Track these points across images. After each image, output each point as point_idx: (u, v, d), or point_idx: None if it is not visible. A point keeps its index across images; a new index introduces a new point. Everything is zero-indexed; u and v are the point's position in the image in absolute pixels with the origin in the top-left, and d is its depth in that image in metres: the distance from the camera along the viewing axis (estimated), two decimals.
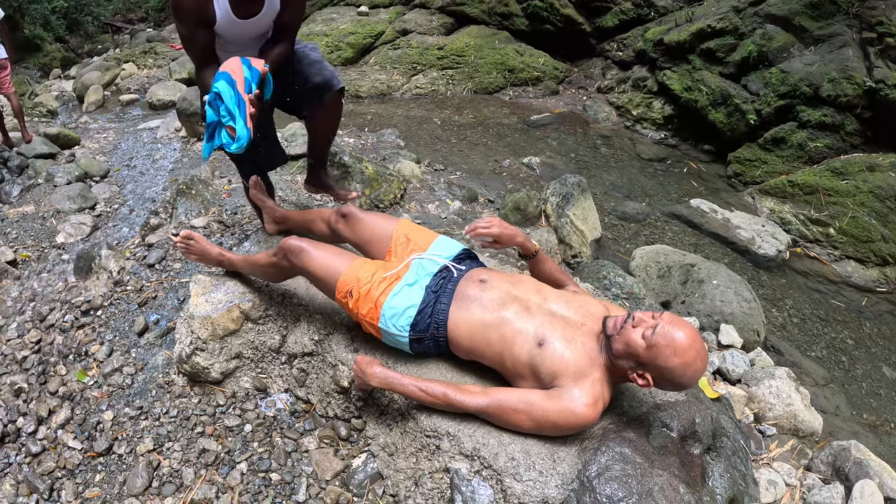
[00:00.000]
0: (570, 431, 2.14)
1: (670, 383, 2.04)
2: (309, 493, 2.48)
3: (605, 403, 2.14)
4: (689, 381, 2.02)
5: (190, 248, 2.93)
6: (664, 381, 2.04)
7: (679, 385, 2.04)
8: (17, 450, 2.76)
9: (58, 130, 7.13)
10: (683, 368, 1.97)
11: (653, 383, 2.04)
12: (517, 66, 9.56)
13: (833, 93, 6.66)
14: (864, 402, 4.29)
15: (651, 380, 2.03)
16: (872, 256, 5.69)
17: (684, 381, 2.01)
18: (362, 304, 2.39)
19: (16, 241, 4.72)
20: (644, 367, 2.03)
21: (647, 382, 2.03)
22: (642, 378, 2.04)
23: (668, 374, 1.99)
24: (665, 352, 1.97)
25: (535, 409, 2.11)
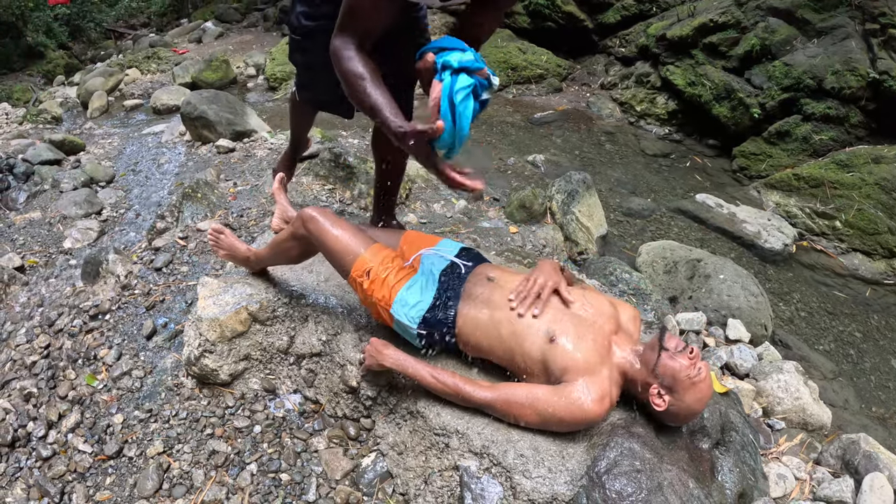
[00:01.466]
0: (576, 427, 2.16)
1: (675, 417, 2.19)
2: (319, 492, 2.48)
3: (613, 402, 2.16)
4: (683, 422, 2.24)
5: (220, 243, 2.96)
6: (672, 415, 2.18)
7: (676, 420, 2.22)
8: (28, 454, 2.77)
9: (63, 137, 7.13)
10: (690, 412, 2.16)
11: (667, 406, 2.14)
12: (520, 64, 9.54)
13: (837, 85, 6.64)
14: (872, 395, 4.28)
15: (665, 406, 2.13)
16: (879, 249, 5.67)
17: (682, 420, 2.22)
18: (377, 289, 2.40)
19: (23, 248, 4.73)
20: (666, 392, 2.13)
21: (664, 405, 2.13)
22: (661, 399, 2.14)
23: (682, 410, 2.14)
24: (694, 394, 2.11)
25: (541, 403, 2.12)
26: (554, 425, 2.15)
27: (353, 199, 4.41)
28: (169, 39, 15.30)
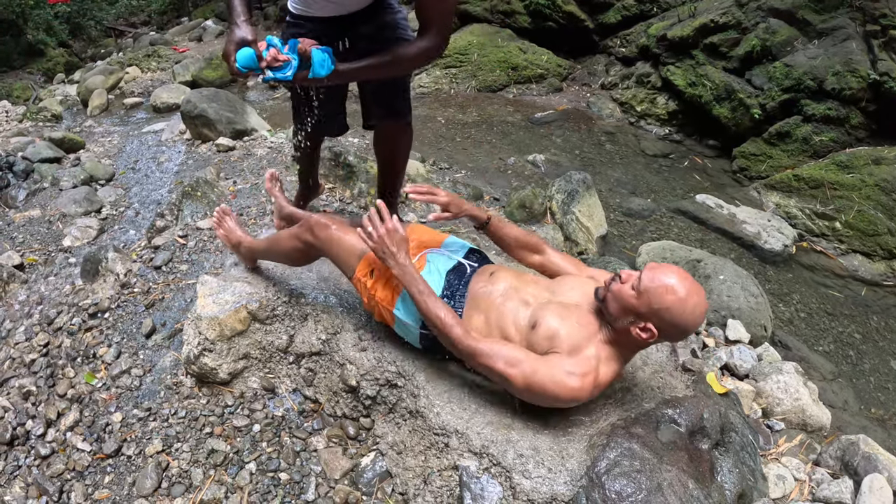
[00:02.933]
0: (558, 401, 2.10)
1: (675, 326, 2.01)
2: (318, 492, 2.48)
3: (601, 383, 2.09)
4: (693, 317, 1.99)
5: (222, 224, 3.05)
6: (669, 326, 2.01)
7: (685, 325, 2.00)
8: (27, 452, 2.77)
9: (62, 135, 7.13)
10: (681, 305, 1.96)
11: (657, 332, 2.02)
12: (520, 64, 9.54)
13: (837, 86, 6.64)
14: (872, 396, 4.28)
15: (654, 329, 2.01)
16: (879, 250, 5.67)
17: (687, 318, 1.98)
18: (381, 289, 2.41)
19: (22, 245, 4.72)
20: (642, 317, 2.02)
21: (651, 332, 2.01)
22: (645, 330, 2.02)
23: (669, 315, 1.97)
24: (658, 292, 1.97)
25: (526, 364, 2.08)
26: (537, 391, 2.08)
27: (353, 197, 4.41)
28: (169, 38, 15.30)
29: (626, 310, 2.04)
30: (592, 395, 2.10)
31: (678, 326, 2.00)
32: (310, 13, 2.65)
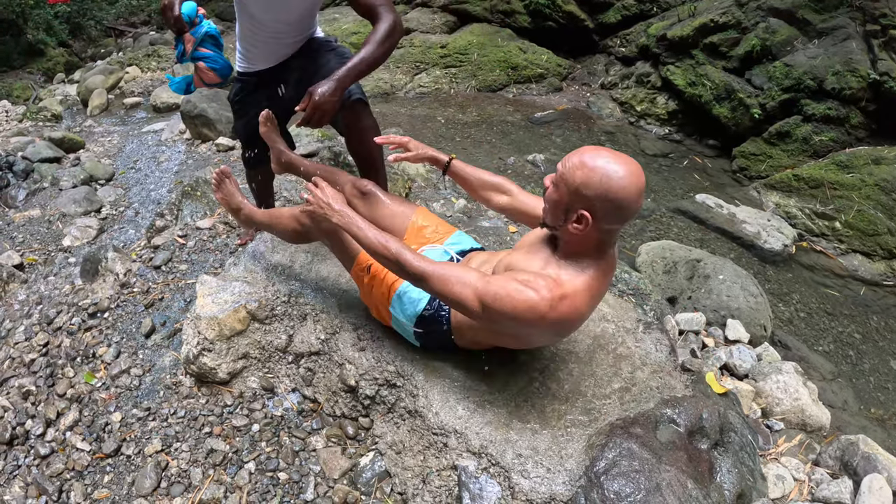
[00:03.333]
0: (518, 318, 1.93)
1: (605, 201, 1.81)
2: (317, 491, 2.48)
3: (567, 292, 1.92)
4: (617, 184, 1.79)
5: (221, 186, 3.02)
6: (598, 204, 1.82)
7: (621, 199, 1.80)
8: (26, 452, 2.77)
9: (62, 134, 7.14)
10: (604, 175, 1.79)
11: (591, 216, 1.83)
12: (520, 64, 9.54)
13: (837, 86, 6.64)
14: (872, 396, 4.28)
15: (587, 214, 1.83)
16: (879, 250, 5.67)
17: (611, 186, 1.79)
18: (377, 285, 2.43)
19: (22, 245, 4.73)
20: (572, 208, 1.86)
21: (585, 218, 1.83)
22: (579, 221, 1.85)
23: (589, 190, 1.80)
24: (570, 174, 1.84)
25: (479, 282, 1.99)
26: (493, 309, 1.95)
27: None
28: (169, 37, 15.27)
29: (557, 209, 1.92)
30: (562, 313, 1.91)
31: (608, 200, 1.80)
32: (258, 68, 3.08)
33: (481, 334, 2.29)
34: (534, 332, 2.03)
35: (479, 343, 2.37)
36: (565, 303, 1.90)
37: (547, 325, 1.93)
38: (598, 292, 2.01)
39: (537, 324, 1.93)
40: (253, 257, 3.16)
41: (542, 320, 1.91)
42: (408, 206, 2.73)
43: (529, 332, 2.04)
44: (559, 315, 1.91)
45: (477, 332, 2.29)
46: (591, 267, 1.97)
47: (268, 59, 3.05)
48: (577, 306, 1.94)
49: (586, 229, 1.86)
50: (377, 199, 2.72)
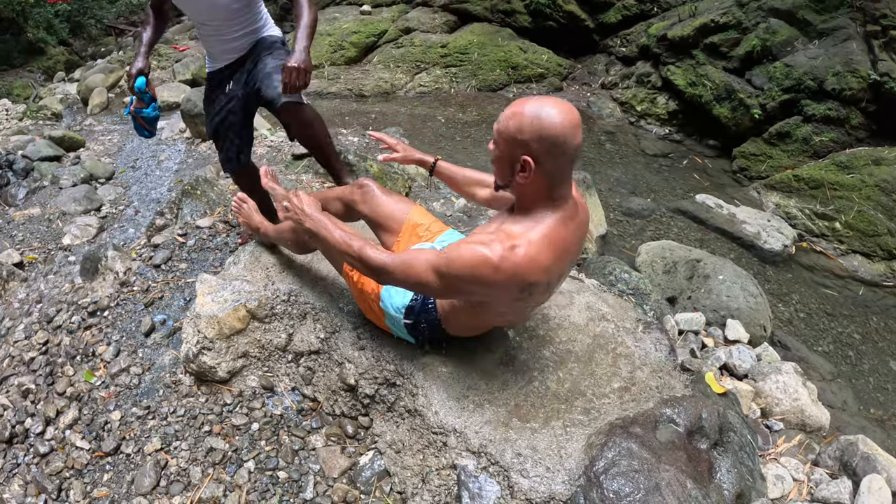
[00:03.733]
0: (478, 276, 1.94)
1: (546, 140, 1.85)
2: (316, 490, 2.48)
3: (518, 241, 1.93)
4: (555, 120, 1.84)
5: (241, 210, 3.19)
6: (535, 147, 1.87)
7: (555, 134, 1.84)
8: (26, 450, 2.77)
9: (62, 133, 7.14)
10: (534, 116, 1.84)
11: (533, 161, 1.87)
12: (520, 64, 9.54)
13: (838, 86, 6.64)
14: (871, 396, 4.28)
15: (528, 158, 1.87)
16: (879, 250, 5.67)
17: (548, 124, 1.84)
18: (366, 282, 2.47)
19: (22, 244, 4.73)
20: (514, 159, 1.91)
21: (528, 164, 1.88)
22: (522, 169, 1.90)
23: (524, 135, 1.86)
24: (508, 123, 1.90)
25: (437, 258, 2.03)
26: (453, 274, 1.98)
27: None
28: (170, 36, 15.27)
29: (502, 165, 1.98)
30: (516, 262, 1.92)
31: (543, 139, 1.85)
32: (219, 66, 3.27)
33: (464, 315, 2.29)
34: (499, 290, 1.99)
35: (467, 326, 2.37)
36: (518, 251, 1.91)
37: (505, 277, 1.92)
38: (559, 240, 2.00)
39: (494, 278, 1.93)
40: (253, 256, 3.16)
41: (498, 271, 1.91)
42: (406, 203, 2.74)
43: (496, 292, 2.01)
44: (514, 264, 1.91)
45: (460, 314, 2.30)
46: (548, 216, 1.99)
47: (221, 57, 3.25)
48: (532, 255, 1.93)
49: (532, 175, 1.90)
50: (374, 195, 2.75)
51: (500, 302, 2.10)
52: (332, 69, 10.03)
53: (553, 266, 1.99)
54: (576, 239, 2.08)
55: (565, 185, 2.00)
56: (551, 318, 2.71)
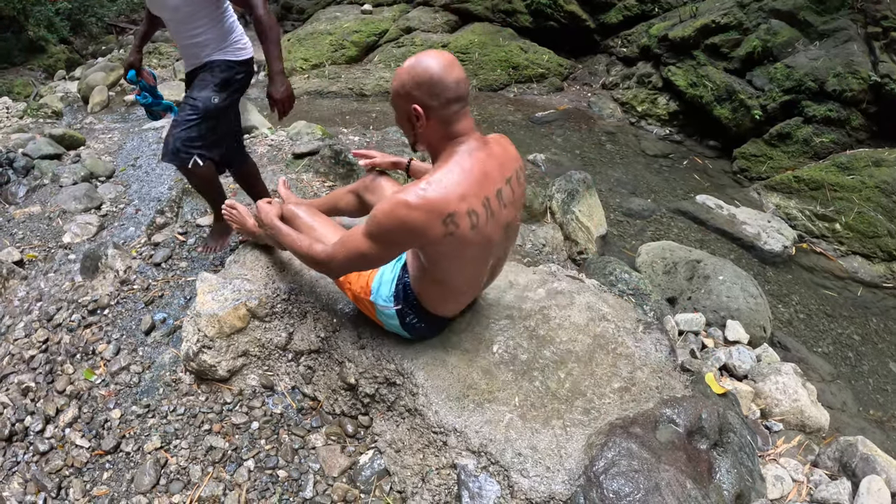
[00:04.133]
0: (392, 216, 2.04)
1: (425, 84, 2.04)
2: (316, 489, 2.48)
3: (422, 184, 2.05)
4: (426, 64, 2.04)
5: (233, 217, 3.14)
6: (419, 89, 2.06)
7: (430, 76, 2.04)
8: (25, 448, 2.77)
9: (63, 131, 7.12)
10: (409, 68, 2.07)
11: (422, 108, 2.07)
12: (521, 64, 9.55)
13: (838, 88, 6.64)
14: (870, 398, 4.28)
15: (416, 107, 2.07)
16: (879, 252, 5.67)
17: (421, 69, 2.05)
18: (355, 280, 2.51)
19: (22, 242, 4.72)
20: (408, 112, 2.12)
21: (418, 113, 2.08)
22: (416, 118, 2.10)
23: (409, 84, 2.06)
24: (393, 85, 2.14)
25: (366, 222, 2.14)
26: (380, 228, 2.09)
27: None
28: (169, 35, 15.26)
29: (404, 126, 2.20)
30: (430, 197, 2.01)
31: (421, 84, 2.05)
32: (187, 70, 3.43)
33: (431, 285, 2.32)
34: (425, 231, 2.04)
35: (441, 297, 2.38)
36: (428, 187, 2.02)
37: (422, 213, 2.00)
38: (469, 168, 2.09)
39: (413, 217, 2.00)
40: (253, 255, 3.16)
41: (413, 208, 1.99)
42: None
43: (424, 234, 2.05)
44: (425, 199, 2.00)
45: (428, 285, 2.32)
46: (454, 154, 2.12)
47: (185, 61, 3.42)
48: (443, 185, 2.03)
49: (425, 121, 2.09)
50: (381, 187, 2.87)
51: (439, 249, 2.12)
52: (332, 68, 10.03)
53: (469, 192, 2.06)
54: (493, 165, 2.17)
55: (461, 121, 2.13)
56: (552, 318, 2.71)
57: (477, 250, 2.19)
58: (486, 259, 2.31)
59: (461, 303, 2.49)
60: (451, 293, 2.37)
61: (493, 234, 2.19)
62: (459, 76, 2.06)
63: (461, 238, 2.07)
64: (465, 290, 2.40)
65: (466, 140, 2.13)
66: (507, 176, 2.22)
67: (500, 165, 2.19)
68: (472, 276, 2.33)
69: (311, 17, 12.43)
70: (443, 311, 2.44)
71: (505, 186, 2.20)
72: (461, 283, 2.32)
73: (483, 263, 2.31)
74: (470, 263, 2.24)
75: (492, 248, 2.26)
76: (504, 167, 2.21)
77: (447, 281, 2.28)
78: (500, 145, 2.28)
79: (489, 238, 2.18)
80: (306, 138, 5.62)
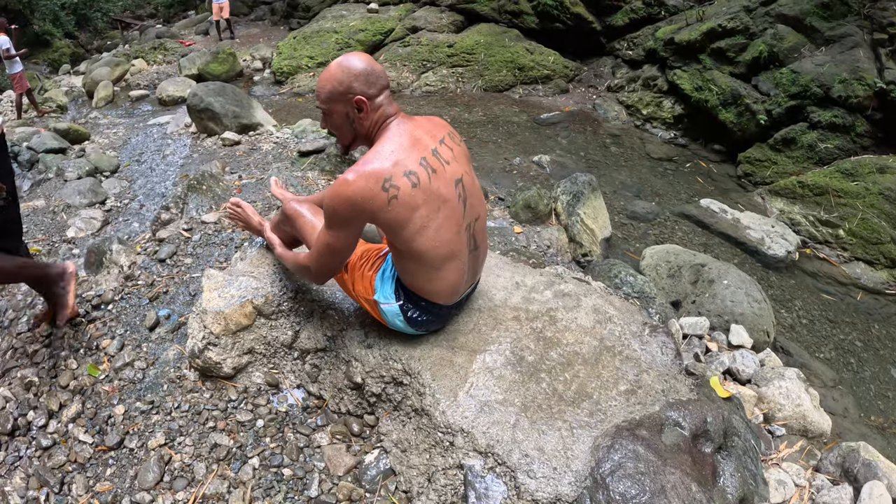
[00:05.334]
0: (341, 193, 2.13)
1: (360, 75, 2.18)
2: (321, 488, 2.48)
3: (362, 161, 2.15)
4: (354, 59, 2.20)
5: (237, 214, 3.15)
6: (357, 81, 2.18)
7: (362, 68, 2.18)
8: (28, 443, 2.77)
9: (67, 125, 7.14)
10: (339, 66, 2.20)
11: (363, 96, 2.18)
12: (527, 65, 9.55)
13: (844, 94, 6.64)
14: (872, 404, 4.28)
15: (359, 97, 2.18)
16: (882, 258, 5.67)
17: (353, 63, 2.19)
18: (358, 281, 2.51)
19: (27, 236, 4.72)
20: (347, 107, 2.22)
21: (362, 102, 2.19)
22: (359, 109, 2.21)
23: (344, 80, 2.17)
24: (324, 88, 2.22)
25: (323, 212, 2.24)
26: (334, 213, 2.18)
27: None
28: (176, 31, 15.31)
29: (343, 125, 2.28)
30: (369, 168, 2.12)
31: (357, 75, 2.18)
32: None
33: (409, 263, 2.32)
34: (369, 203, 2.12)
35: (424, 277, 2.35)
36: (366, 162, 2.13)
37: (361, 185, 2.09)
38: (397, 135, 2.23)
39: (355, 190, 2.10)
40: (259, 252, 3.16)
41: (351, 183, 2.10)
42: None
43: (369, 207, 2.13)
44: (361, 173, 2.10)
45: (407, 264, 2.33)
46: (385, 131, 2.25)
47: None
48: (378, 156, 2.15)
49: (369, 109, 2.21)
50: None
51: (391, 216, 2.15)
52: None
53: (401, 157, 2.16)
54: (420, 133, 2.28)
55: (391, 104, 2.26)
56: (559, 320, 2.71)
57: (432, 210, 2.20)
58: (453, 221, 2.28)
59: (449, 280, 2.40)
60: (434, 268, 2.30)
61: (445, 191, 2.22)
62: (380, 67, 2.25)
63: (407, 199, 2.13)
64: (447, 262, 2.34)
65: (395, 119, 2.26)
66: (440, 137, 2.32)
67: (429, 131, 2.31)
68: (446, 243, 2.28)
69: (317, 14, 12.44)
70: (436, 294, 2.39)
71: (440, 146, 2.29)
72: (437, 254, 2.27)
73: (452, 226, 2.28)
74: (434, 228, 2.23)
75: (452, 206, 2.26)
76: (433, 132, 2.32)
77: (422, 253, 2.24)
78: (427, 119, 2.41)
79: (440, 195, 2.21)
80: (311, 136, 5.63)
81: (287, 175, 4.38)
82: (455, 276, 2.40)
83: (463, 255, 2.38)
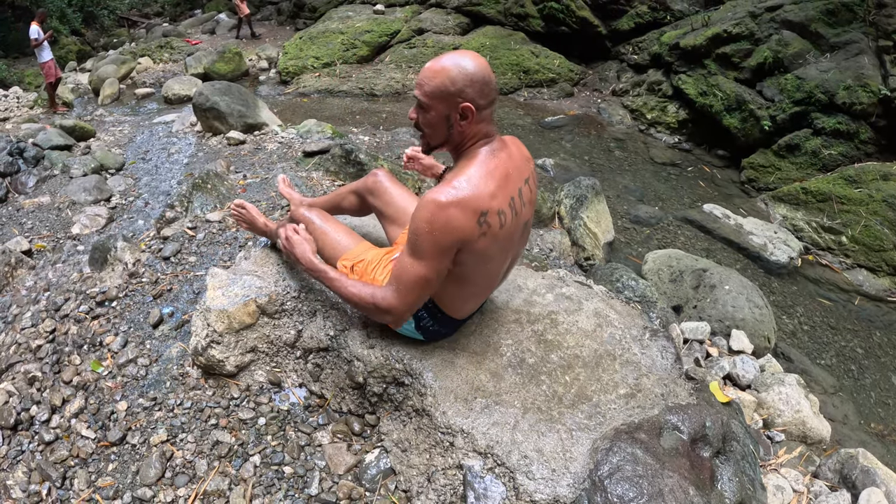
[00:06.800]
0: (426, 216, 2.01)
1: (478, 83, 2.02)
2: (321, 486, 2.49)
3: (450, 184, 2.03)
4: (477, 64, 2.03)
5: (242, 216, 3.13)
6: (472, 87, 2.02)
7: (482, 76, 2.02)
8: (31, 438, 2.78)
9: (73, 122, 7.17)
10: (458, 66, 2.01)
11: (471, 103, 2.02)
12: (532, 68, 9.57)
13: (848, 100, 6.65)
14: (872, 411, 4.28)
15: (467, 104, 2.02)
16: (884, 266, 5.68)
17: (473, 69, 2.01)
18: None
19: (31, 232, 4.75)
20: (450, 109, 2.06)
21: (469, 110, 2.03)
22: (463, 116, 2.05)
23: (460, 81, 2.01)
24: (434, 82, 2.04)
25: (407, 242, 2.11)
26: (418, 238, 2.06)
27: None
28: (182, 29, 15.35)
29: (438, 124, 2.11)
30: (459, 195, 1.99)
31: (474, 82, 2.02)
32: None
33: (452, 286, 2.27)
34: (463, 229, 2.02)
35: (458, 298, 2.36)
36: (460, 187, 2.00)
37: (457, 211, 1.98)
38: (495, 168, 2.10)
39: (449, 216, 1.98)
40: (263, 251, 3.17)
41: (446, 208, 1.97)
42: (413, 198, 2.83)
43: (464, 236, 2.03)
44: (459, 198, 1.98)
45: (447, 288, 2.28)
46: (479, 153, 2.12)
47: None
48: (474, 184, 2.02)
49: (472, 118, 2.04)
50: (384, 190, 2.86)
51: (472, 249, 2.09)
52: (343, 67, 10.06)
53: (498, 192, 2.06)
54: (513, 166, 2.17)
55: (491, 122, 2.14)
56: (560, 323, 2.72)
57: (500, 250, 2.19)
58: (505, 258, 2.31)
59: (477, 302, 2.48)
60: (471, 294, 2.36)
61: (514, 233, 2.21)
62: (495, 78, 2.11)
63: (491, 238, 2.08)
64: (484, 291, 2.40)
65: (490, 141, 2.14)
66: (525, 176, 2.23)
67: (518, 167, 2.19)
68: (492, 276, 2.32)
69: (323, 15, 12.47)
70: (460, 312, 2.44)
71: (524, 186, 2.21)
72: (481, 283, 2.31)
73: (502, 263, 2.31)
74: (491, 263, 2.24)
75: (512, 247, 2.27)
76: (521, 168, 2.21)
77: (469, 282, 2.27)
78: (516, 146, 2.28)
79: (511, 237, 2.20)
80: (316, 136, 5.65)
81: (291, 175, 4.40)
82: (483, 299, 2.49)
83: (497, 282, 2.46)
